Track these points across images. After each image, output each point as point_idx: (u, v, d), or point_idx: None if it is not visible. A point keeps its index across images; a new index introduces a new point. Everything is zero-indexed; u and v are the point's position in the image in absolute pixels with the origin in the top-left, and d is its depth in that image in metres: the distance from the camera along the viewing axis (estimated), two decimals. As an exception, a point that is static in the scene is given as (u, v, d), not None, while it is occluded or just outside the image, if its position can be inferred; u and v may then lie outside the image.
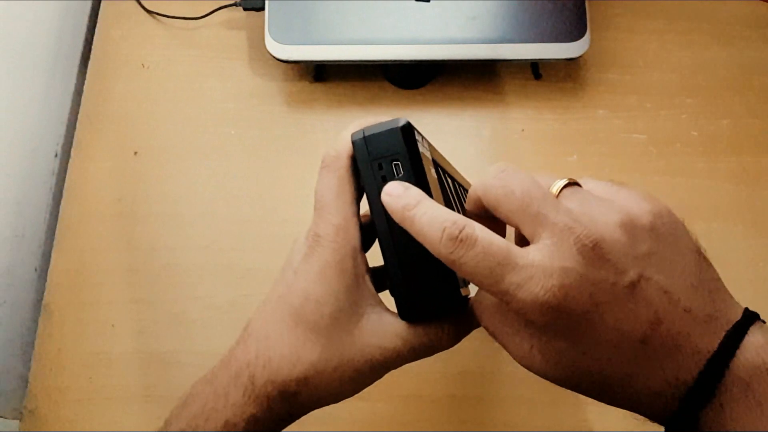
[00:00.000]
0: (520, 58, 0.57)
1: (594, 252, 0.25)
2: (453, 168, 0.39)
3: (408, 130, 0.29)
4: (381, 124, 0.30)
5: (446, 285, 0.29)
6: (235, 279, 0.55)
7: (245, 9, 0.60)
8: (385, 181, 0.29)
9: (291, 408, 0.31)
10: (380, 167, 0.29)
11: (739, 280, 0.30)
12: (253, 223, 0.56)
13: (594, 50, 0.59)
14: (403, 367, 0.31)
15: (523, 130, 0.60)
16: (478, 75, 0.62)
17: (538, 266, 0.25)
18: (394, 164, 0.29)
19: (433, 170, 0.31)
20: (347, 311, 0.30)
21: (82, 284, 0.54)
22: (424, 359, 0.31)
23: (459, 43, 0.57)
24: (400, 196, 0.28)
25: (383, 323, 0.30)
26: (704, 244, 0.28)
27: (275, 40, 0.57)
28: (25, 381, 0.52)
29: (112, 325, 0.53)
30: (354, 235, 0.30)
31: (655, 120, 0.60)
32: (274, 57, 0.57)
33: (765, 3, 0.64)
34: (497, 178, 0.27)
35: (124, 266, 0.55)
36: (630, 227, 0.26)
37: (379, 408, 0.51)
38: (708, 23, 0.63)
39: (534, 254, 0.25)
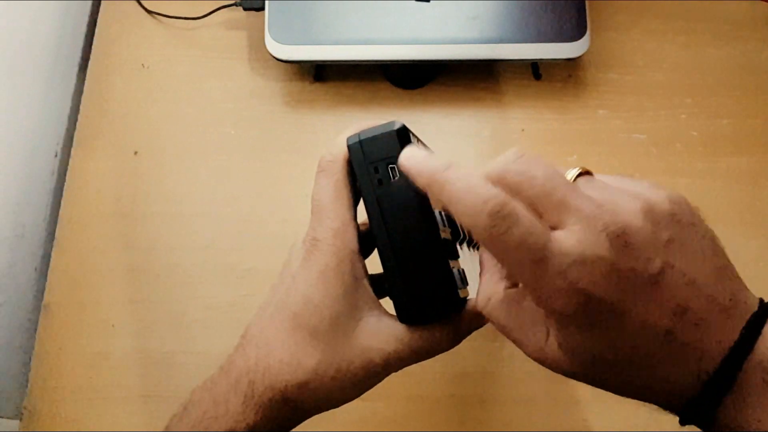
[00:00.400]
0: (520, 58, 0.57)
1: (621, 240, 0.24)
2: None
3: (403, 132, 0.29)
4: (376, 127, 0.30)
5: (444, 286, 0.29)
6: (235, 279, 0.55)
7: (245, 9, 0.60)
8: (381, 184, 0.29)
9: (292, 414, 0.31)
10: (376, 170, 0.29)
11: (738, 280, 0.30)
12: (253, 223, 0.56)
13: (594, 50, 0.59)
14: (403, 367, 0.31)
15: (523, 130, 0.60)
16: (478, 75, 0.62)
17: (572, 253, 0.24)
18: (390, 167, 0.29)
19: None
20: (346, 315, 0.30)
21: (82, 284, 0.55)
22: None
23: (459, 43, 0.57)
24: (426, 158, 0.26)
25: (382, 326, 0.30)
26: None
27: (275, 40, 0.57)
28: (25, 381, 0.52)
29: (112, 325, 0.53)
30: (352, 239, 0.30)
31: (655, 120, 0.60)
32: (274, 57, 0.57)
33: (765, 3, 0.63)
34: (517, 163, 0.25)
35: (124, 266, 0.55)
36: (651, 214, 0.25)
37: (379, 408, 0.51)
38: (707, 23, 0.63)
39: (566, 241, 0.24)
